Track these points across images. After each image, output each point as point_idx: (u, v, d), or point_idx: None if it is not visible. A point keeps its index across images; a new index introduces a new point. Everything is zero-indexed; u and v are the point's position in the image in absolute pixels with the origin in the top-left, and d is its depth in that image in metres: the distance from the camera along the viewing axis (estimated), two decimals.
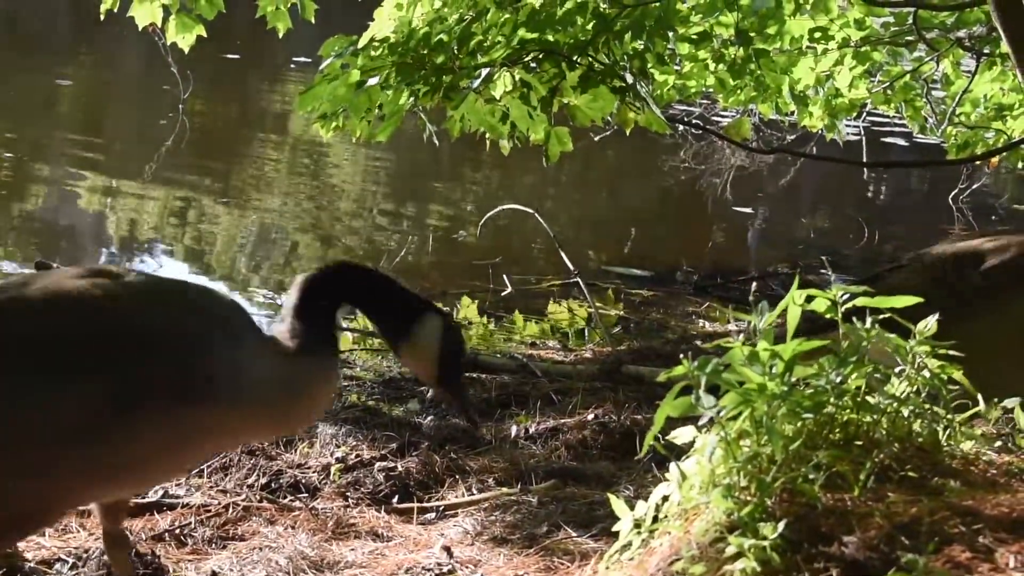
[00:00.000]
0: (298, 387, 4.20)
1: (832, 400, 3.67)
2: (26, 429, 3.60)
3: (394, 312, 4.38)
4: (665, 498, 3.83)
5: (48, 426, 3.61)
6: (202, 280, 11.25)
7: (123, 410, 3.67)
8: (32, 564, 5.10)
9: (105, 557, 5.00)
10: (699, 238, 15.22)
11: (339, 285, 4.34)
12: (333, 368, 4.41)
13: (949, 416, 3.91)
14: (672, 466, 3.81)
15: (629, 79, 8.58)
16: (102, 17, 10.00)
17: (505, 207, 12.21)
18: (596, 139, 15.00)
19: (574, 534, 5.50)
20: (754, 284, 11.73)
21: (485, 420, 7.27)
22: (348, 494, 6.21)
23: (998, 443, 4.23)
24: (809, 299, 4.03)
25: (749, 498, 3.46)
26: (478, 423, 4.36)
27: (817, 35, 11.05)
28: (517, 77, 8.50)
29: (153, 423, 3.74)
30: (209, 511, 5.86)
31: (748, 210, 16.84)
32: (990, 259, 5.67)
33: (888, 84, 12.42)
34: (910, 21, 10.99)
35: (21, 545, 5.26)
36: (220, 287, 10.97)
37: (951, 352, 3.97)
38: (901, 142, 21.50)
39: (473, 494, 6.21)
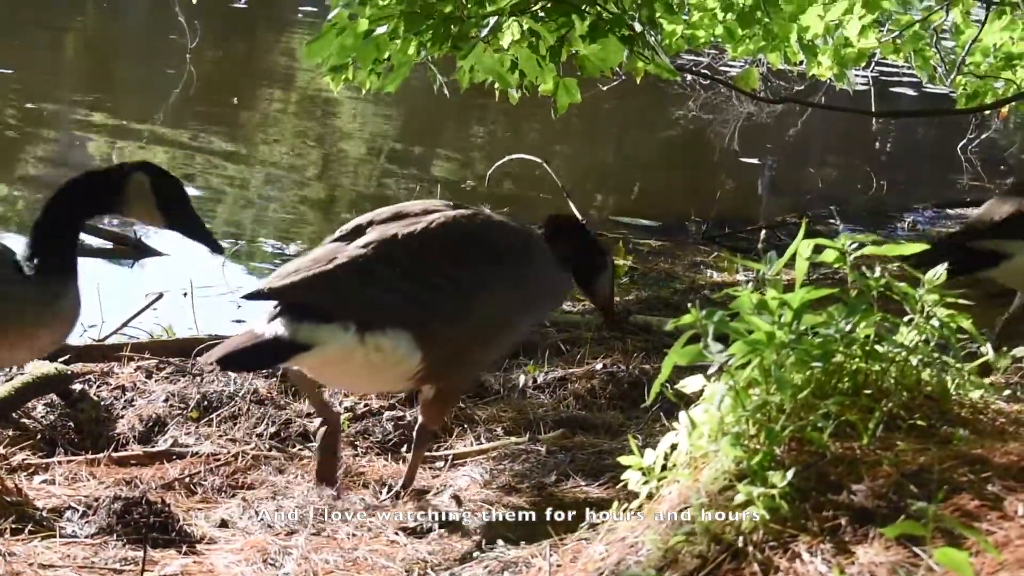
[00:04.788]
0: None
1: (841, 349, 3.67)
2: None
3: None
4: (674, 447, 3.84)
5: None
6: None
7: None
8: (42, 512, 5.11)
9: (115, 506, 5.03)
10: (707, 188, 15.17)
11: None
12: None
13: (958, 365, 3.91)
14: (681, 415, 3.82)
15: (638, 28, 8.54)
16: None
17: (513, 156, 12.16)
18: (604, 89, 14.96)
19: (583, 483, 5.52)
20: (762, 234, 11.70)
21: (492, 370, 7.29)
22: (357, 443, 6.23)
23: (1007, 392, 4.24)
24: (818, 249, 4.03)
25: (758, 446, 3.47)
26: None
27: None
28: (525, 26, 8.45)
29: None
30: (219, 460, 5.88)
31: (756, 161, 16.78)
32: None
33: (897, 33, 12.36)
34: None
35: (31, 494, 5.28)
36: (225, 239, 10.95)
37: (960, 300, 3.97)
38: (910, 92, 21.40)
39: (482, 443, 6.22)
